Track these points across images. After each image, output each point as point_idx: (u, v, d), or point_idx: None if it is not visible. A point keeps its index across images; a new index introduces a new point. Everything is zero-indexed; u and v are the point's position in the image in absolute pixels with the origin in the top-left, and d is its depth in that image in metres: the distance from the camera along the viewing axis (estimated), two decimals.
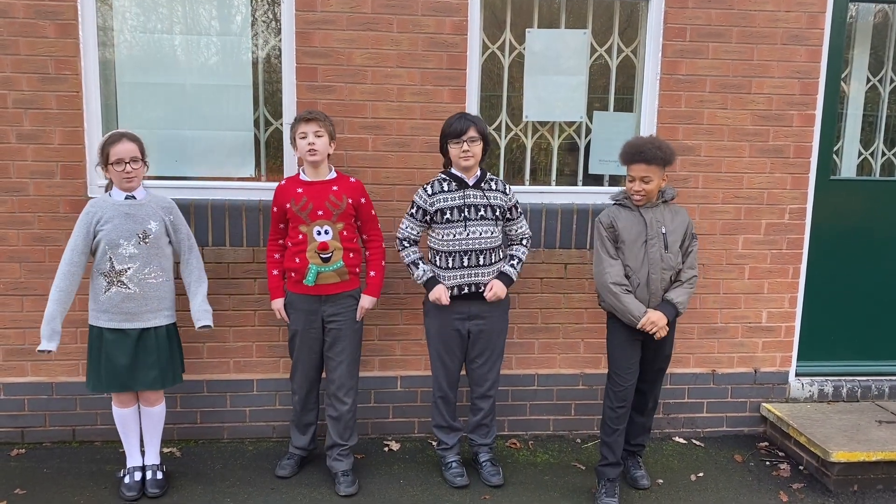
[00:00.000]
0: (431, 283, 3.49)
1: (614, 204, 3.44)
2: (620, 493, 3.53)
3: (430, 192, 3.47)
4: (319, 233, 3.41)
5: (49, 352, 3.19)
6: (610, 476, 3.49)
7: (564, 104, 4.10)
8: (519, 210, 3.59)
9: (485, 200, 3.46)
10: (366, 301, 3.56)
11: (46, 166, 3.71)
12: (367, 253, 3.61)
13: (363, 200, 3.54)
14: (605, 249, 3.36)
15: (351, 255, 3.48)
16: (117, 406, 3.41)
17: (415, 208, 3.49)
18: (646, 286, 3.33)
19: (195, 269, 3.45)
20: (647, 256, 3.32)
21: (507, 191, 3.54)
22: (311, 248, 3.41)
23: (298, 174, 3.52)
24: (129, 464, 3.48)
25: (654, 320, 3.28)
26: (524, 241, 3.62)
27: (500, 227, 3.51)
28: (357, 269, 3.54)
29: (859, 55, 4.33)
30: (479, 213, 3.45)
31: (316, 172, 3.47)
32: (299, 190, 3.45)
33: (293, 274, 3.48)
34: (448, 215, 3.43)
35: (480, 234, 3.44)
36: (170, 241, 3.38)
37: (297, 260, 3.44)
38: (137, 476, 3.45)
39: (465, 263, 3.45)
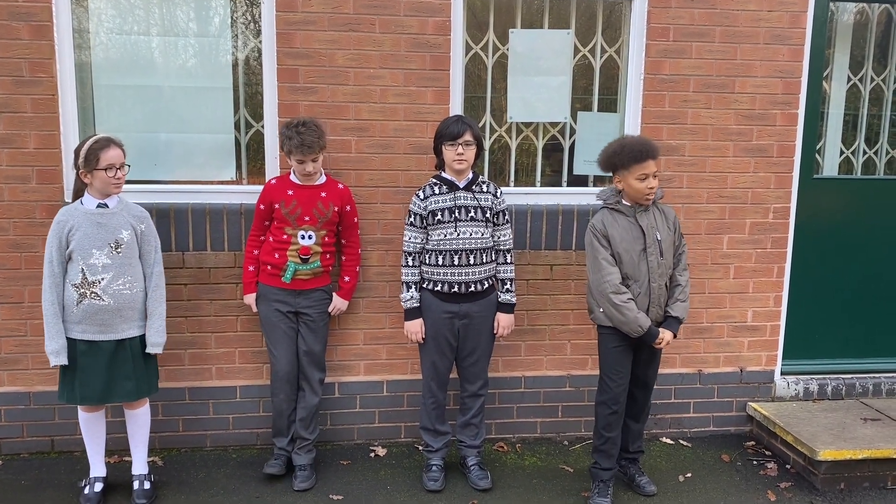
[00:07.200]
0: (412, 313, 3.53)
1: (605, 207, 3.36)
2: (613, 494, 3.50)
3: (422, 196, 3.49)
4: (304, 237, 3.51)
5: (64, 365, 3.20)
6: (603, 478, 3.48)
7: (548, 105, 4.07)
8: (506, 217, 3.58)
9: (475, 202, 3.47)
10: (339, 303, 3.73)
11: (22, 171, 3.62)
12: (343, 258, 3.72)
13: (348, 208, 3.64)
14: (604, 256, 3.29)
15: (327, 256, 3.61)
16: (83, 410, 3.34)
17: (412, 216, 3.51)
18: (646, 295, 3.31)
19: (159, 287, 3.32)
20: (648, 265, 3.30)
21: (498, 194, 3.56)
22: (293, 248, 3.52)
23: (289, 174, 3.58)
24: (92, 473, 3.42)
25: (668, 340, 3.34)
26: (508, 257, 3.60)
27: (490, 229, 3.52)
28: (330, 267, 3.66)
29: (840, 54, 4.35)
30: (469, 215, 3.46)
31: (308, 178, 3.54)
32: (290, 192, 3.52)
33: (269, 267, 3.55)
34: (439, 216, 3.45)
35: (471, 234, 3.45)
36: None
37: (277, 256, 3.53)
38: (98, 487, 3.39)
39: (456, 262, 3.45)
